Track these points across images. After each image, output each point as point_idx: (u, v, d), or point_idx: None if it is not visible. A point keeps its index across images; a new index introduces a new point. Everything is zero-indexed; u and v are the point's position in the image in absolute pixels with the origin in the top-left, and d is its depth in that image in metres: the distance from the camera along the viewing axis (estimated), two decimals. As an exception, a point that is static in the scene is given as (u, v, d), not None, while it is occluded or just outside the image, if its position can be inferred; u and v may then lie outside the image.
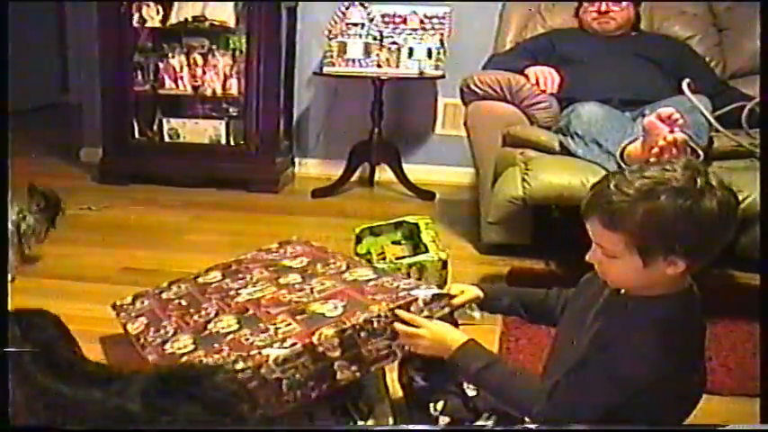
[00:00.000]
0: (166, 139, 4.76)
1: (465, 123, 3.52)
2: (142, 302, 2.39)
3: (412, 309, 1.85)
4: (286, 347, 1.76)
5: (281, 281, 2.24)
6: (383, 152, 4.69)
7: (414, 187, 4.66)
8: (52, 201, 3.21)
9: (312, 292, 2.09)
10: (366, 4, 4.47)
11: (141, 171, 4.75)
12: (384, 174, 4.84)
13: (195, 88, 4.71)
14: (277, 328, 1.88)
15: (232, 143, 4.75)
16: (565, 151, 2.99)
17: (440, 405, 1.81)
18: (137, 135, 4.80)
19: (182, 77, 4.69)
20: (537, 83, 3.34)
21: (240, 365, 1.73)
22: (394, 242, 3.09)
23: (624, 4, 3.69)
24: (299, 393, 1.76)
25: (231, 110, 4.84)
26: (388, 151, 4.71)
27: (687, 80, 3.03)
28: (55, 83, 7.84)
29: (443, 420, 1.80)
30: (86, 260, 3.24)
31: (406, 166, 4.73)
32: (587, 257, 1.58)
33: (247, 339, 1.87)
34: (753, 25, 3.67)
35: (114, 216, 4.00)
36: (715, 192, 1.43)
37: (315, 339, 1.78)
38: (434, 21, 4.50)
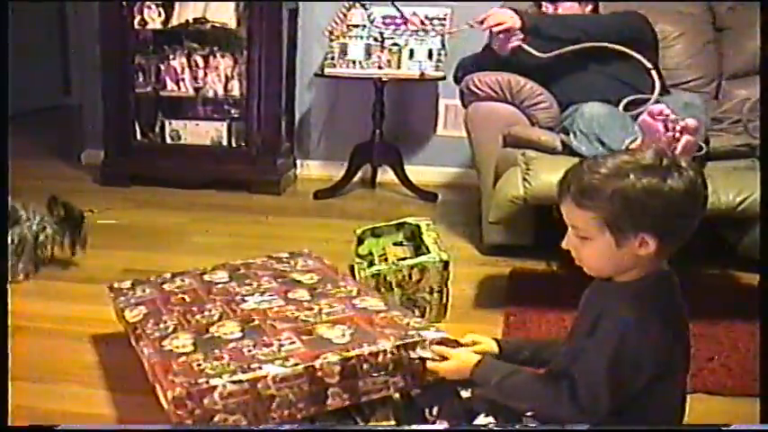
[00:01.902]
0: (168, 140, 4.77)
1: (465, 124, 3.52)
2: (143, 290, 2.38)
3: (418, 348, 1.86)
4: (287, 367, 1.76)
5: (290, 295, 2.23)
6: (385, 153, 4.69)
7: (415, 188, 4.66)
8: (75, 213, 3.25)
9: (320, 312, 2.08)
10: (367, 5, 4.48)
11: (143, 173, 4.75)
12: (386, 175, 4.84)
13: (197, 90, 4.73)
14: (281, 345, 1.88)
15: (234, 145, 4.76)
16: (566, 151, 2.99)
17: (435, 410, 1.81)
18: (138, 137, 4.81)
19: (183, 79, 4.71)
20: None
21: (238, 377, 1.72)
22: (395, 243, 3.09)
23: (568, 4, 3.63)
24: (286, 412, 1.76)
25: (233, 111, 4.85)
26: (390, 152, 4.71)
27: (653, 72, 3.07)
28: (56, 84, 7.84)
29: (441, 424, 1.81)
30: (88, 262, 3.23)
31: (407, 167, 4.73)
32: (563, 244, 1.61)
33: (249, 351, 1.86)
34: (753, 25, 3.67)
35: (116, 218, 3.99)
36: (681, 171, 1.48)
37: (317, 364, 1.77)
38: (435, 22, 4.51)
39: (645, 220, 1.48)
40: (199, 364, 1.80)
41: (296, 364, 1.77)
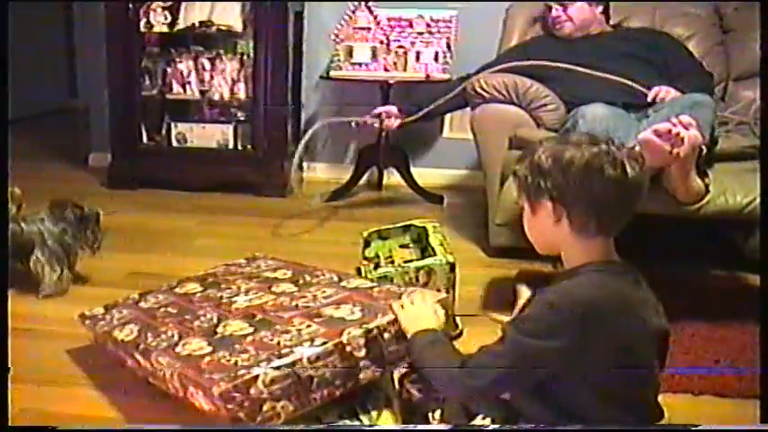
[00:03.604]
0: (174, 143, 4.78)
1: (472, 126, 3.52)
2: (120, 312, 2.38)
3: None
4: (317, 346, 1.80)
5: (275, 289, 2.27)
6: (391, 156, 4.69)
7: (422, 191, 4.66)
8: (90, 213, 3.17)
9: (316, 298, 2.12)
10: (373, 7, 4.48)
11: (149, 176, 4.76)
12: (392, 177, 4.84)
13: (203, 93, 4.73)
14: (299, 330, 1.91)
15: (240, 147, 4.77)
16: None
17: (437, 414, 1.84)
18: (145, 140, 4.82)
19: (189, 82, 4.71)
20: None
21: (276, 363, 1.75)
22: (402, 246, 3.09)
23: (578, 5, 3.67)
24: (325, 392, 1.81)
25: (239, 114, 4.85)
26: (396, 155, 4.71)
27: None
28: (63, 87, 7.86)
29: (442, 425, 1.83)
30: (93, 264, 3.23)
31: (413, 170, 4.73)
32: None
33: (271, 340, 1.89)
34: (759, 27, 3.66)
35: (122, 221, 4.00)
36: (589, 148, 1.55)
37: (344, 339, 1.82)
38: (441, 24, 4.50)
39: (543, 184, 1.57)
40: (228, 360, 1.83)
41: (324, 343, 1.81)
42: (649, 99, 3.13)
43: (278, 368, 1.75)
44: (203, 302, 2.29)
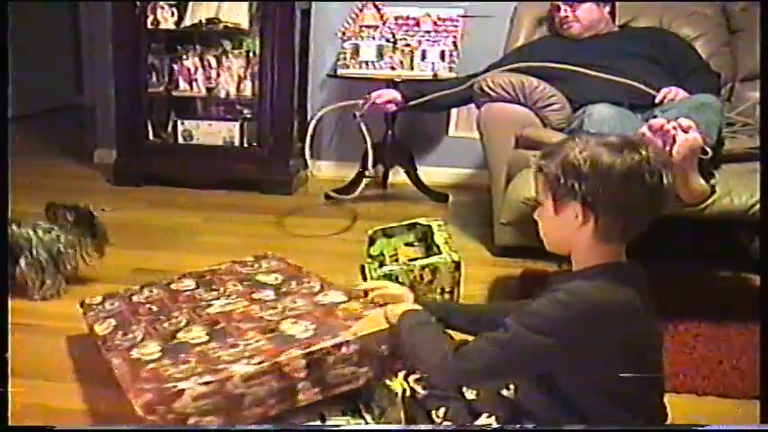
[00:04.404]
0: (180, 140, 4.79)
1: (477, 125, 3.51)
2: (112, 303, 2.40)
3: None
4: (253, 365, 1.78)
5: (255, 296, 2.26)
6: (397, 154, 4.69)
7: (427, 189, 4.66)
8: (82, 214, 3.09)
9: (284, 310, 2.11)
10: (380, 6, 4.48)
11: (155, 172, 4.77)
12: (397, 176, 4.84)
13: (209, 90, 4.74)
14: (246, 344, 1.89)
15: (246, 145, 4.78)
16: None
17: (441, 411, 1.82)
18: (150, 136, 4.83)
19: (196, 79, 4.72)
20: None
21: (206, 378, 1.73)
22: (407, 244, 3.09)
23: (586, 5, 3.67)
24: (258, 410, 1.78)
25: (245, 111, 4.86)
26: (402, 153, 4.71)
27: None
28: (69, 84, 7.87)
29: (446, 425, 1.82)
30: (99, 261, 3.23)
31: (419, 168, 4.73)
32: (534, 214, 1.71)
33: (215, 353, 1.88)
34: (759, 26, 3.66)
35: (128, 217, 4.00)
36: (630, 154, 1.51)
37: (282, 359, 1.79)
38: (447, 23, 4.50)
39: (577, 187, 1.52)
40: (166, 370, 1.82)
41: (261, 362, 1.78)
42: (657, 100, 3.12)
43: (207, 383, 1.73)
44: (185, 303, 2.30)
